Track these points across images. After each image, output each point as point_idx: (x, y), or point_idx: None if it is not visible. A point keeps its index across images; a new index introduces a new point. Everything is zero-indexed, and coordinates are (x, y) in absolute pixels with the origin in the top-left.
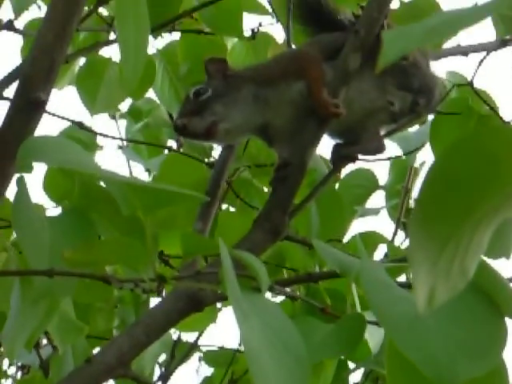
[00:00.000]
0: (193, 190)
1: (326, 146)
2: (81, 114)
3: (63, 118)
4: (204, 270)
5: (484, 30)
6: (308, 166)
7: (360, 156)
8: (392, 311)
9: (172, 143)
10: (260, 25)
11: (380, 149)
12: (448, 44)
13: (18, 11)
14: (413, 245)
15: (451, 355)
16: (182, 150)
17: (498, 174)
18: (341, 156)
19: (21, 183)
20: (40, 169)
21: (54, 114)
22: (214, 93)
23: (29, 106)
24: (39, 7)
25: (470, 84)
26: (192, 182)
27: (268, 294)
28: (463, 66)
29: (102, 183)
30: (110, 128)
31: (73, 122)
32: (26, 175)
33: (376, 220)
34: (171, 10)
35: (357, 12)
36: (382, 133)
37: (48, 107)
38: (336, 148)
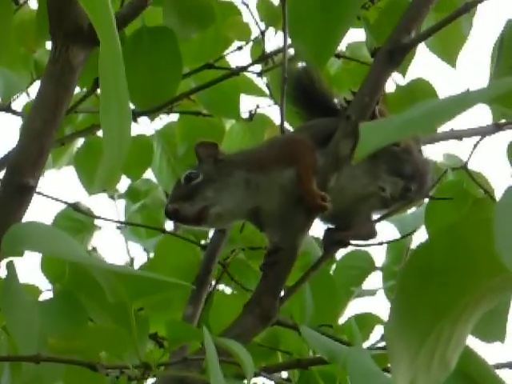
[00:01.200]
0: (186, 272)
1: (319, 229)
2: (80, 193)
3: (59, 200)
4: (192, 357)
5: (479, 111)
6: (299, 251)
7: (352, 241)
8: None
9: (170, 224)
10: (257, 106)
11: (372, 234)
12: (441, 128)
13: (5, 98)
14: (392, 338)
15: None
16: (179, 231)
17: (481, 266)
18: (333, 241)
19: (10, 268)
20: None
21: (50, 197)
22: (204, 178)
23: (18, 192)
24: (28, 94)
25: (465, 167)
26: (186, 264)
27: (263, 379)
28: (458, 148)
29: None
30: (108, 208)
31: (69, 204)
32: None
33: (373, 301)
34: (169, 92)
35: (348, 97)
36: (375, 218)
37: (45, 189)
38: (328, 233)
